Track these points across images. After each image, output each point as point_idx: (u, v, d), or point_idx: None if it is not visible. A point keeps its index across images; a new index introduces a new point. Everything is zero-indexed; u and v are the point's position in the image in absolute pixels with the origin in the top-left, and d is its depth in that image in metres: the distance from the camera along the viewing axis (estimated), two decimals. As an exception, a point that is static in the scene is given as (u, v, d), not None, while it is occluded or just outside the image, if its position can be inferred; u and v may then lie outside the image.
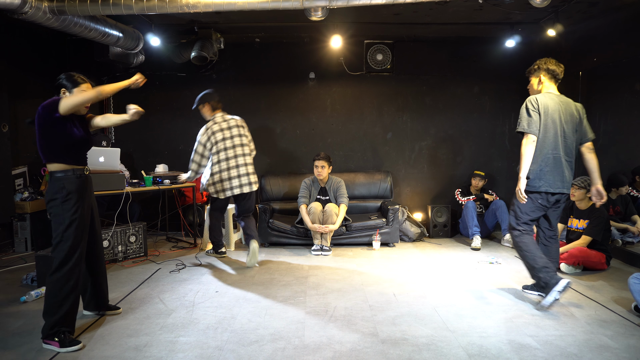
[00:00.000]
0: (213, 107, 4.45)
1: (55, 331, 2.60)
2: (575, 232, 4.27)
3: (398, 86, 6.08)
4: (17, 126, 5.13)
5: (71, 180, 2.73)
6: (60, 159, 2.73)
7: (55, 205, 2.68)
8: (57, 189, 2.69)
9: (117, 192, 4.50)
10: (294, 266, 4.38)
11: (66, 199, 2.68)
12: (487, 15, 4.98)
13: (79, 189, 2.75)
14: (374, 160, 6.17)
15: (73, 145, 2.76)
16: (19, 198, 4.92)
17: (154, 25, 5.29)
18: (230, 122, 4.41)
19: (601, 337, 2.76)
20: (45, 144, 2.71)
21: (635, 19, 4.62)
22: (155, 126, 6.07)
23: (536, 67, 3.39)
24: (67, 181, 2.72)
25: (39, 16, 3.95)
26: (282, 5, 3.99)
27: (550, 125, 3.21)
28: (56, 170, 2.73)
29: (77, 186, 2.74)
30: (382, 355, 2.52)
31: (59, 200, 2.68)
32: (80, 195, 2.74)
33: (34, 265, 3.85)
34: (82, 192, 2.76)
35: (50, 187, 2.72)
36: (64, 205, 2.67)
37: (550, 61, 3.37)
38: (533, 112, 3.21)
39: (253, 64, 6.03)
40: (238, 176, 4.29)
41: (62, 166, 2.73)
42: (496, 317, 3.07)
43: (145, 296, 3.50)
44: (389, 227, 5.17)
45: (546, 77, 3.37)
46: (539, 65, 3.37)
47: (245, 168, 4.35)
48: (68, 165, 2.75)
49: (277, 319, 3.05)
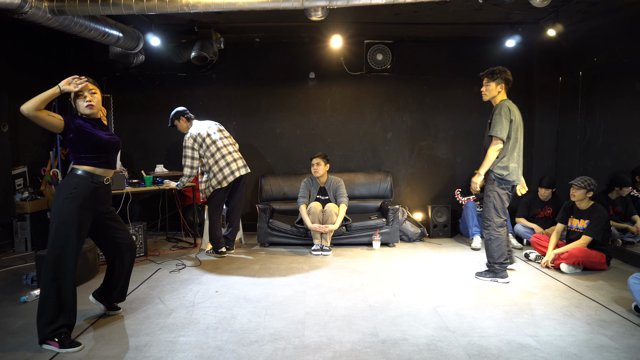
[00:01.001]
0: (188, 118, 4.68)
1: (55, 332, 2.59)
2: (575, 232, 4.27)
3: (398, 86, 6.08)
4: (17, 126, 5.13)
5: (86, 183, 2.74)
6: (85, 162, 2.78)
7: (58, 200, 2.68)
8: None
9: (117, 192, 4.51)
10: (294, 266, 4.38)
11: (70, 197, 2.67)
12: (487, 15, 4.98)
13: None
14: (374, 160, 6.17)
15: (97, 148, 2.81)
16: (19, 198, 4.92)
17: (154, 25, 5.29)
18: (210, 125, 4.71)
19: (601, 337, 2.76)
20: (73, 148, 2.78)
21: (635, 19, 4.62)
22: (155, 126, 6.06)
23: (498, 73, 3.70)
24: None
25: (39, 16, 3.94)
26: (282, 5, 3.99)
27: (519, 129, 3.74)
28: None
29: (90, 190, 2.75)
30: (382, 355, 2.52)
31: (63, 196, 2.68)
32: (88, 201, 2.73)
33: (34, 265, 3.85)
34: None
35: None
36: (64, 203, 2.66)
37: (508, 71, 3.74)
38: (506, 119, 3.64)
39: (253, 64, 6.03)
40: (233, 160, 4.63)
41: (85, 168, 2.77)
42: (496, 317, 3.07)
43: (145, 296, 3.50)
44: (389, 227, 5.17)
45: (505, 86, 3.75)
46: (500, 74, 3.70)
47: (236, 154, 4.71)
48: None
49: (277, 319, 3.05)
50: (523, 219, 5.20)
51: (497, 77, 3.68)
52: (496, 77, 3.68)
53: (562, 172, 5.86)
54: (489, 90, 3.73)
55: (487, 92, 3.75)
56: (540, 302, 3.36)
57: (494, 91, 3.72)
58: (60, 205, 2.65)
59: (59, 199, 2.67)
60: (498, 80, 3.69)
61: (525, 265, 4.42)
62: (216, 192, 4.59)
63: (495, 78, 3.69)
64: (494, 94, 3.72)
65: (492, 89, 3.72)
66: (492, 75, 3.70)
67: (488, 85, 3.72)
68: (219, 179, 4.55)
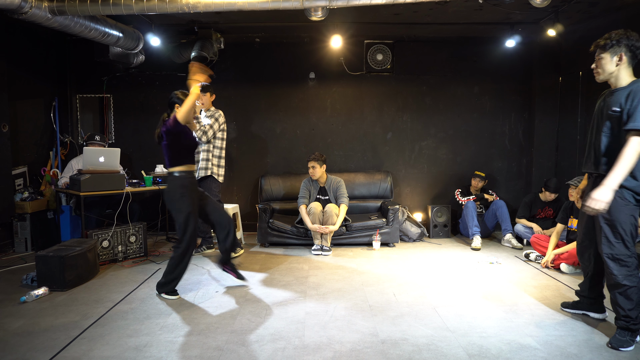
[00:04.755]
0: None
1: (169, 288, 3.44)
2: (575, 232, 4.26)
3: (398, 86, 6.08)
4: (17, 126, 5.13)
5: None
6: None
7: (175, 200, 3.37)
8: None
9: (117, 192, 4.51)
10: (294, 266, 4.38)
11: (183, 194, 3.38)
12: (487, 15, 4.98)
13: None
14: (374, 160, 6.17)
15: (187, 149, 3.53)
16: (19, 198, 4.91)
17: (154, 25, 5.29)
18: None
19: (601, 337, 2.76)
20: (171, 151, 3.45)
21: (635, 19, 4.61)
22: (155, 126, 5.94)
23: (613, 39, 2.59)
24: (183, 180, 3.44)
25: (39, 16, 3.95)
26: (282, 5, 3.99)
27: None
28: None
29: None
30: (382, 355, 2.52)
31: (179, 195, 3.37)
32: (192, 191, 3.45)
33: (34, 266, 3.84)
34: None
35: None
36: (183, 200, 3.35)
37: (634, 33, 2.58)
38: None
39: (253, 64, 6.03)
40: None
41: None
42: (496, 317, 3.07)
43: (145, 296, 3.50)
44: (389, 227, 5.17)
45: (631, 59, 2.60)
46: (618, 41, 2.58)
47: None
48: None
49: (277, 319, 3.05)
50: (524, 219, 5.21)
51: (614, 45, 2.57)
52: (612, 44, 2.57)
53: (562, 172, 5.85)
54: (602, 66, 2.64)
55: (600, 69, 2.67)
56: (540, 302, 3.36)
57: (610, 65, 2.61)
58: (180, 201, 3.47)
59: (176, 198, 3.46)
60: (614, 49, 2.57)
61: (525, 265, 4.42)
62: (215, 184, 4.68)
63: (610, 46, 2.57)
64: (612, 69, 2.62)
65: (606, 62, 2.62)
66: (604, 44, 2.60)
67: (601, 59, 2.65)
68: (223, 171, 4.73)
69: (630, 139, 2.44)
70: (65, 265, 3.59)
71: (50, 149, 5.64)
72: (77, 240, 4.07)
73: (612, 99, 2.62)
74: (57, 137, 5.67)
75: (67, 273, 3.60)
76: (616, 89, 2.63)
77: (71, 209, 5.04)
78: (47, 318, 3.06)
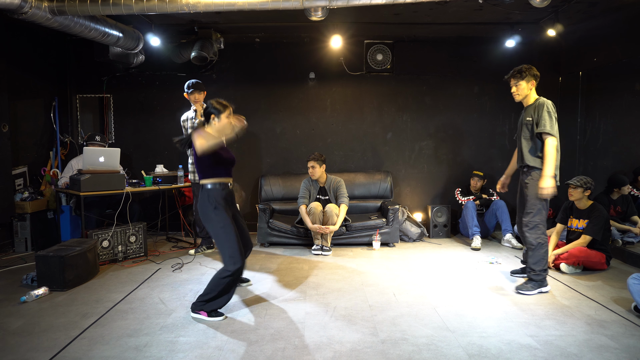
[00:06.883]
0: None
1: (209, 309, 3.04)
2: (575, 232, 4.27)
3: (398, 86, 6.08)
4: (17, 126, 5.13)
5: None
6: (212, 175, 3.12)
7: (209, 212, 3.06)
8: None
9: (117, 192, 4.51)
10: (294, 266, 4.38)
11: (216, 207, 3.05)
12: (487, 15, 4.98)
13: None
14: (374, 160, 6.16)
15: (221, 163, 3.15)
16: (19, 198, 4.92)
17: (154, 25, 5.29)
18: None
19: (601, 337, 2.76)
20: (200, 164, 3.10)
21: (635, 19, 4.62)
22: (155, 126, 6.07)
23: (525, 71, 3.56)
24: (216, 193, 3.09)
25: (39, 16, 3.95)
26: (282, 5, 3.99)
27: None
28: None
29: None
30: (382, 355, 2.52)
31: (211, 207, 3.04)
32: (226, 203, 3.12)
33: (34, 265, 3.84)
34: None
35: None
36: (217, 212, 3.03)
37: (534, 67, 3.60)
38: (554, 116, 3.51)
39: (253, 64, 6.03)
40: None
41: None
42: (496, 317, 3.07)
43: (145, 296, 3.50)
44: (389, 227, 5.17)
45: (535, 83, 3.62)
46: (529, 71, 3.56)
47: None
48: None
49: (277, 319, 3.05)
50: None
51: (527, 75, 3.54)
52: (525, 75, 3.55)
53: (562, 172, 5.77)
54: (520, 90, 3.59)
55: (519, 92, 3.60)
56: (540, 302, 3.36)
57: (525, 89, 3.58)
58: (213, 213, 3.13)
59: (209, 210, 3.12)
60: (528, 78, 3.55)
61: (525, 265, 4.42)
62: None
63: (524, 76, 3.55)
64: (527, 92, 3.59)
65: (523, 87, 3.57)
66: (520, 74, 3.57)
67: (518, 85, 3.58)
68: None
69: (546, 140, 3.46)
70: (65, 265, 3.59)
71: (50, 149, 5.64)
72: (77, 240, 4.07)
73: (526, 113, 3.61)
74: (57, 137, 5.67)
75: (67, 273, 3.61)
76: (528, 105, 3.62)
77: (71, 209, 5.04)
78: (47, 318, 3.07)
